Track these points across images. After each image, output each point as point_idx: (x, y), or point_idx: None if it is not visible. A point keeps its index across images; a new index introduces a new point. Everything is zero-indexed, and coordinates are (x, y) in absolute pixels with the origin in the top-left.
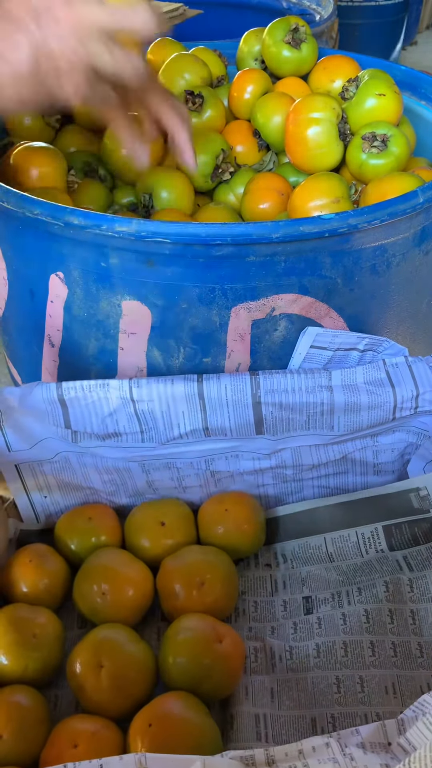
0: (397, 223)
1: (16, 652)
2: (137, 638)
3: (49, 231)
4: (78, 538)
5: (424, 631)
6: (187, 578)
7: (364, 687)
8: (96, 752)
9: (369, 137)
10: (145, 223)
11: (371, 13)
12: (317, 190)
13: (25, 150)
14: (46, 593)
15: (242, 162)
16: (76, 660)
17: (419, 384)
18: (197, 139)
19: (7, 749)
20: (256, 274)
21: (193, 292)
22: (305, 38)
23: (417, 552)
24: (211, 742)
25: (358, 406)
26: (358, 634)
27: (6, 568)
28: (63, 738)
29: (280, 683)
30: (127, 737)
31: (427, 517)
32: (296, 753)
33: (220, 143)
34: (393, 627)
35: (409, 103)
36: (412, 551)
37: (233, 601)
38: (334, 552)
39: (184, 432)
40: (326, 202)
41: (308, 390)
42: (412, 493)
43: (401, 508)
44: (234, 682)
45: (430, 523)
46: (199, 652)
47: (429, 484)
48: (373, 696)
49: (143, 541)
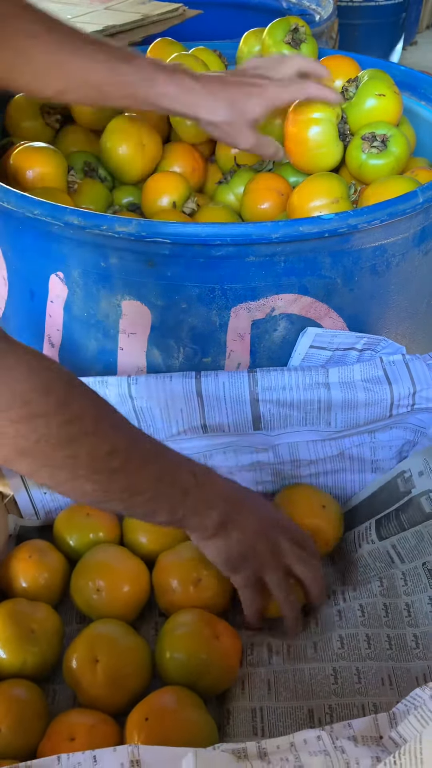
0: (397, 224)
1: (14, 647)
2: (133, 633)
3: (49, 231)
4: (77, 534)
5: (419, 621)
6: (184, 574)
7: (360, 678)
8: (93, 746)
9: (369, 137)
10: (145, 223)
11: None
12: (317, 191)
13: (25, 150)
14: (45, 589)
15: (242, 162)
16: (73, 655)
17: (416, 381)
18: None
19: (5, 742)
20: (256, 274)
21: (193, 292)
22: (305, 38)
23: (404, 539)
24: (207, 736)
25: (355, 403)
26: (353, 628)
27: (5, 563)
28: (60, 731)
29: (277, 675)
30: (124, 731)
31: (409, 498)
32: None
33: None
34: (388, 620)
35: (408, 103)
36: (400, 538)
37: (229, 597)
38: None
39: (182, 429)
40: (326, 202)
41: (305, 387)
42: (399, 477)
43: (390, 498)
44: (231, 677)
45: (412, 505)
46: (197, 647)
47: (413, 465)
48: (370, 687)
49: (141, 537)
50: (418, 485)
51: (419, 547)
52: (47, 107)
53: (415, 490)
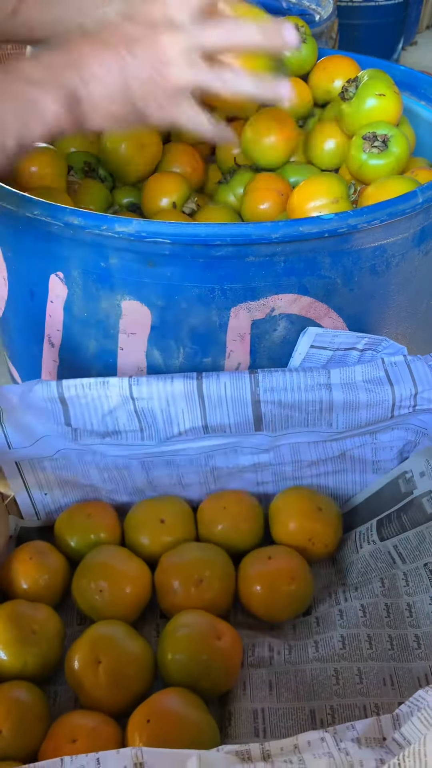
0: (397, 224)
1: (15, 649)
2: (135, 634)
3: (49, 231)
4: (77, 535)
5: (421, 622)
6: (186, 575)
7: (362, 679)
8: (94, 747)
9: (370, 137)
10: (145, 223)
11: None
12: (316, 191)
13: None
14: (45, 590)
15: (242, 162)
16: (75, 656)
17: (418, 382)
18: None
19: (6, 745)
20: (256, 274)
21: (193, 292)
22: (305, 38)
23: (406, 540)
24: (208, 738)
25: (356, 404)
26: (354, 628)
27: (6, 564)
28: (62, 733)
29: (279, 675)
30: (126, 733)
31: (410, 499)
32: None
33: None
34: (389, 620)
35: (408, 103)
36: (401, 539)
37: (231, 598)
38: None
39: (183, 429)
40: (325, 202)
41: (307, 388)
42: (401, 478)
43: (392, 498)
44: (232, 679)
45: (413, 506)
46: (198, 648)
47: (414, 466)
48: (371, 687)
49: (143, 538)
50: (419, 486)
51: (421, 548)
52: None
53: (416, 491)
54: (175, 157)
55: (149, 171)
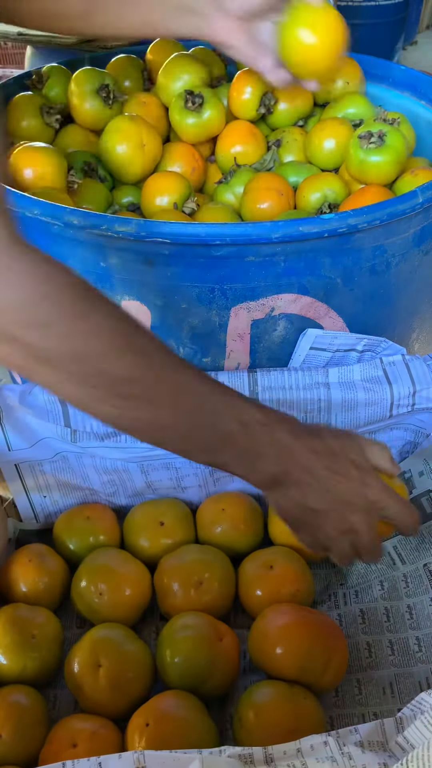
0: (397, 224)
1: (14, 652)
2: (135, 637)
3: (48, 231)
4: (76, 537)
5: (422, 624)
6: (185, 577)
7: (361, 690)
8: (95, 751)
9: (366, 135)
10: (145, 223)
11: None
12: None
13: (25, 150)
14: (45, 593)
15: (242, 162)
16: (74, 660)
17: (416, 381)
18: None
19: (6, 749)
20: (256, 274)
21: (193, 292)
22: None
23: (405, 540)
24: (208, 741)
25: (355, 403)
26: (353, 636)
27: (5, 567)
28: (62, 737)
29: None
30: (125, 736)
31: (410, 498)
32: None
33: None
34: (389, 624)
35: (408, 103)
36: (401, 539)
37: (231, 600)
38: None
39: None
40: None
41: (305, 387)
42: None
43: None
44: (232, 681)
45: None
46: (198, 651)
47: (413, 466)
48: (370, 697)
49: (142, 540)
50: (418, 486)
51: (420, 549)
52: (47, 107)
53: (415, 491)
54: (175, 157)
55: (149, 171)
